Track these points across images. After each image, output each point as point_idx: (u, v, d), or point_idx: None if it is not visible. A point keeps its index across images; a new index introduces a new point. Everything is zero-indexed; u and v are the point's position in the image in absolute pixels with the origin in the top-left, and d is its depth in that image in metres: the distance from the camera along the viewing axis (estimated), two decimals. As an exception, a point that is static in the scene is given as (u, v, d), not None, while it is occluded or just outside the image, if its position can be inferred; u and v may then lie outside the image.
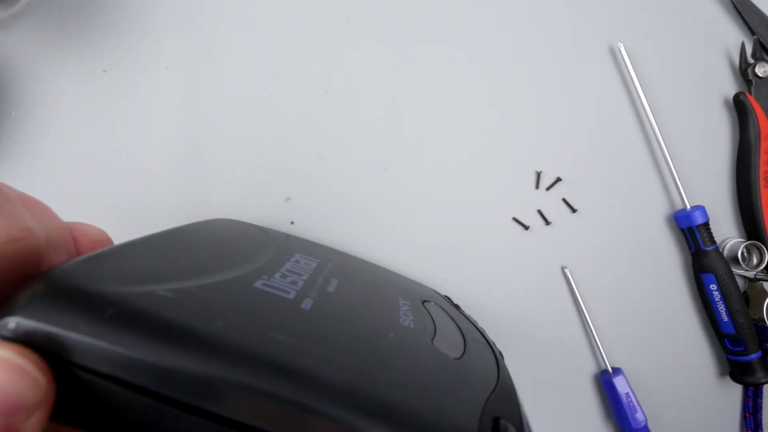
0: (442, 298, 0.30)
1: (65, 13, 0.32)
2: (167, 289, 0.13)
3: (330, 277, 0.22)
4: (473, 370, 0.19)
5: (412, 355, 0.18)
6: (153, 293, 0.13)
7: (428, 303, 0.26)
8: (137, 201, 0.33)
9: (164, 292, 0.13)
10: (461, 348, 0.21)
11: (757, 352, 0.35)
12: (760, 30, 0.37)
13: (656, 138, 0.35)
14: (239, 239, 0.24)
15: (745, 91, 0.37)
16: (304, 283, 0.20)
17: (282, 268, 0.21)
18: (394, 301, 0.23)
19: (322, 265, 0.24)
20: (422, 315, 0.23)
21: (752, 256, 0.37)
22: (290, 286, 0.19)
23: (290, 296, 0.18)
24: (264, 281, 0.18)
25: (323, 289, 0.20)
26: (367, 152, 0.35)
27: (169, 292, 0.13)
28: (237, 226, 0.28)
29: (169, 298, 0.13)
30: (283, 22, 0.34)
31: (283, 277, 0.19)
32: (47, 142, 0.32)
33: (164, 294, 0.13)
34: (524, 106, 0.36)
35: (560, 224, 0.36)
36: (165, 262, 0.16)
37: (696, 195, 0.37)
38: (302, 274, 0.21)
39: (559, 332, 0.36)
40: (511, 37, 0.36)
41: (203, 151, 0.33)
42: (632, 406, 0.34)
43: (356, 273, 0.27)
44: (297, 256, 0.24)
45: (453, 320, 0.25)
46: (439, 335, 0.21)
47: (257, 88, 0.34)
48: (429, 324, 0.22)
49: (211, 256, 0.19)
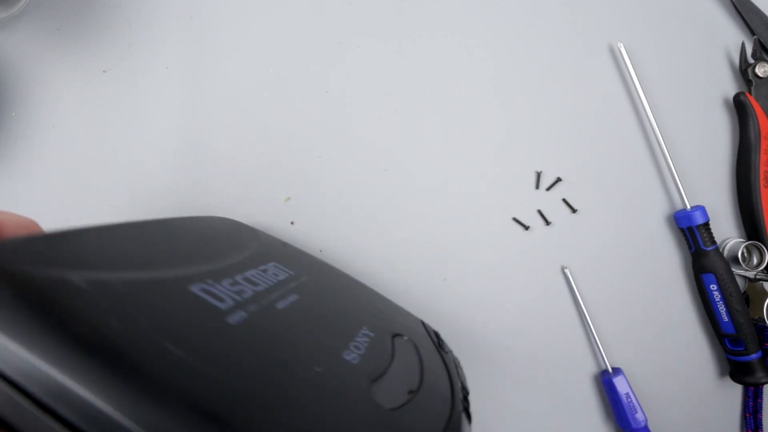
0: (428, 332, 0.27)
1: (65, 13, 0.32)
2: (86, 279, 0.13)
3: (290, 293, 0.20)
4: (406, 425, 0.17)
5: (330, 396, 0.16)
6: (67, 281, 0.12)
7: (399, 338, 0.23)
8: (137, 201, 0.33)
9: (80, 281, 0.12)
10: (406, 397, 0.18)
11: (757, 352, 0.35)
12: (760, 30, 0.37)
13: (656, 138, 0.35)
14: (217, 238, 0.23)
15: (745, 91, 0.37)
16: (252, 294, 0.18)
17: (239, 275, 0.19)
18: (352, 330, 0.21)
19: (291, 279, 0.22)
20: (380, 351, 0.21)
21: (752, 256, 0.37)
22: (231, 296, 0.17)
23: (222, 306, 0.16)
24: (204, 286, 0.17)
25: (272, 304, 0.19)
26: (367, 152, 0.35)
27: (86, 283, 0.13)
28: (227, 226, 0.26)
29: (80, 289, 0.12)
30: (283, 22, 0.34)
31: (232, 285, 0.18)
32: (47, 142, 0.32)
33: (77, 284, 0.12)
34: (524, 106, 0.36)
35: (560, 224, 0.36)
36: (111, 250, 0.15)
37: (696, 195, 0.37)
38: (258, 285, 0.19)
39: (559, 332, 0.36)
40: (511, 37, 0.36)
41: (203, 152, 0.33)
42: (632, 406, 0.34)
43: (326, 292, 0.24)
44: (270, 264, 0.22)
45: (420, 362, 0.22)
46: (387, 378, 0.19)
47: (257, 88, 0.34)
48: (383, 363, 0.20)
49: (168, 252, 0.18)
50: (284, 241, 0.30)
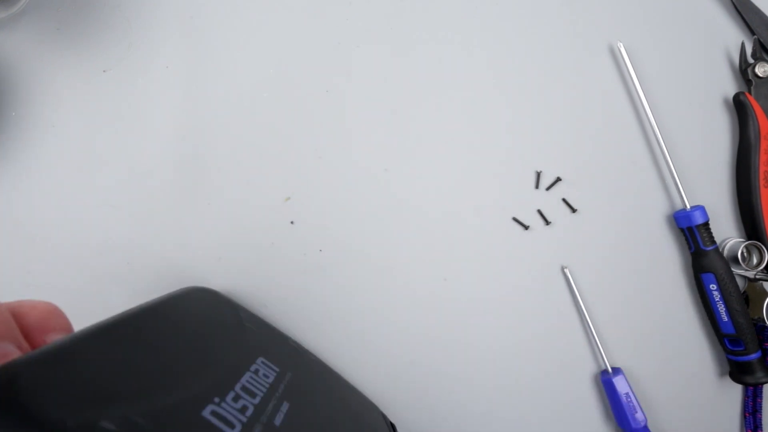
0: (387, 425, 0.31)
1: (65, 13, 0.32)
2: (111, 418, 0.13)
3: (282, 401, 0.22)
4: None
5: None
6: (97, 425, 0.13)
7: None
8: (137, 201, 0.33)
9: (107, 424, 0.13)
10: None
11: (757, 352, 0.35)
12: (760, 30, 0.37)
13: (656, 138, 0.35)
14: (208, 334, 0.24)
15: (745, 91, 0.37)
16: (253, 409, 0.20)
17: (237, 385, 0.20)
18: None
19: (278, 379, 0.23)
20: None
21: (752, 256, 0.37)
22: (238, 416, 0.18)
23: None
24: (214, 407, 0.18)
25: (270, 420, 0.20)
26: (367, 152, 0.35)
27: (112, 423, 0.13)
28: (209, 308, 0.27)
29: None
30: (283, 22, 0.34)
31: (235, 401, 0.19)
32: (47, 142, 0.32)
33: (107, 427, 0.13)
34: (524, 106, 0.36)
35: (560, 224, 0.36)
36: (116, 371, 0.16)
37: (696, 195, 0.37)
38: (255, 396, 0.21)
39: (559, 332, 0.36)
40: (511, 37, 0.36)
41: (203, 151, 0.33)
42: (632, 406, 0.34)
43: (310, 394, 0.26)
44: (259, 362, 0.24)
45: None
46: None
47: (257, 88, 0.34)
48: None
49: (173, 364, 0.19)
50: (257, 315, 0.31)
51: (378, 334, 0.34)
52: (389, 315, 0.35)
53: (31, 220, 0.32)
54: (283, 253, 0.34)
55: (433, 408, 0.35)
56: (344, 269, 0.34)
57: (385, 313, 0.35)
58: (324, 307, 0.34)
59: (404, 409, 0.34)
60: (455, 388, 0.35)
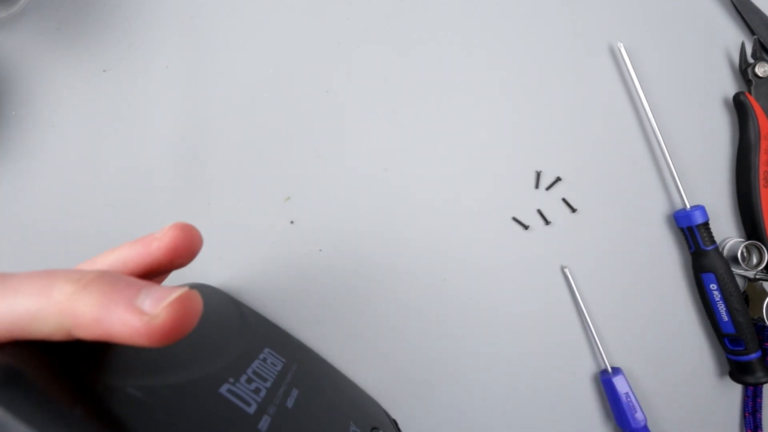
0: (390, 421, 0.31)
1: (65, 13, 0.32)
2: (138, 386, 0.14)
3: (292, 387, 0.23)
4: None
5: None
6: (123, 390, 0.13)
7: (377, 431, 0.27)
8: (137, 201, 0.33)
9: (134, 390, 0.13)
10: None
11: (757, 352, 0.35)
12: (760, 30, 0.37)
13: (656, 138, 0.35)
14: (217, 323, 0.25)
15: (745, 91, 0.37)
16: (266, 392, 0.20)
17: (249, 369, 0.21)
18: (344, 427, 0.24)
19: (286, 368, 0.24)
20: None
21: (752, 256, 0.37)
22: (252, 396, 0.19)
23: (251, 410, 0.18)
24: (230, 386, 0.18)
25: (283, 403, 0.21)
26: (367, 152, 0.35)
27: (139, 391, 0.14)
28: (214, 302, 0.28)
29: (137, 399, 0.13)
30: (283, 22, 0.34)
31: (248, 383, 0.20)
32: (47, 142, 0.32)
33: (134, 393, 0.13)
34: (524, 106, 0.36)
35: (560, 224, 0.36)
36: (137, 351, 0.16)
37: (696, 195, 0.37)
38: (266, 380, 0.21)
39: (558, 332, 0.36)
40: (511, 37, 0.36)
41: (203, 151, 0.33)
42: (632, 406, 0.34)
43: (316, 384, 0.27)
44: (266, 351, 0.24)
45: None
46: None
47: (257, 88, 0.34)
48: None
49: (189, 346, 0.19)
50: (257, 311, 0.32)
51: (378, 333, 0.34)
52: (389, 314, 0.35)
53: (31, 220, 0.32)
54: (283, 252, 0.34)
55: (432, 407, 0.35)
56: (344, 269, 0.34)
57: (384, 313, 0.35)
58: (324, 306, 0.34)
59: (404, 408, 0.34)
60: (455, 387, 0.35)
